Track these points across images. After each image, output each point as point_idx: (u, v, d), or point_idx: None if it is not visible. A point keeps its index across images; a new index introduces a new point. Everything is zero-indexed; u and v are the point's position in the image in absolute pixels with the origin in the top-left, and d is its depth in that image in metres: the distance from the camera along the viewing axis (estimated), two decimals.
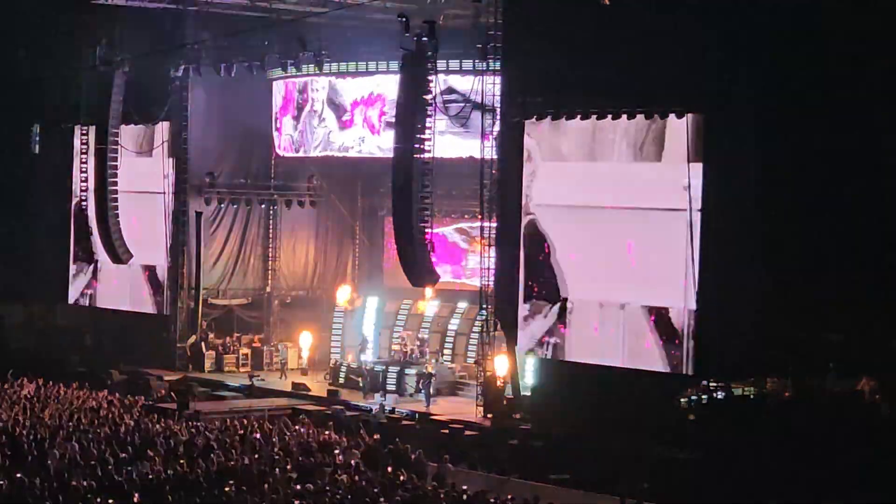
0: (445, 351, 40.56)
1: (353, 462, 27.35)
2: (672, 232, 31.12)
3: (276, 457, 27.12)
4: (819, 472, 26.16)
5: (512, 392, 34.63)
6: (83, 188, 44.54)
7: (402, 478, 25.78)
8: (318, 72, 40.62)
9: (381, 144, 39.92)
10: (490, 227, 35.00)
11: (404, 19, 34.17)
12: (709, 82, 30.20)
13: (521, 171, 34.05)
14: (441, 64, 35.72)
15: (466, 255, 41.16)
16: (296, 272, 45.55)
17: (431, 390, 36.52)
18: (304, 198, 44.43)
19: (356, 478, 25.51)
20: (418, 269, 35.41)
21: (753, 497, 25.93)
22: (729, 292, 30.26)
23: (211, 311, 44.06)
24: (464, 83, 37.39)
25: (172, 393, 37.62)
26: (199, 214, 43.54)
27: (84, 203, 44.47)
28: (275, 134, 43.48)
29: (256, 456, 27.18)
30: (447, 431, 32.90)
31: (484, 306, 34.95)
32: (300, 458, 27.30)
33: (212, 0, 40.99)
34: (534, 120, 33.75)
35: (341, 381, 39.30)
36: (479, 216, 35.41)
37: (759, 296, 29.80)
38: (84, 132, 44.38)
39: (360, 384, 38.26)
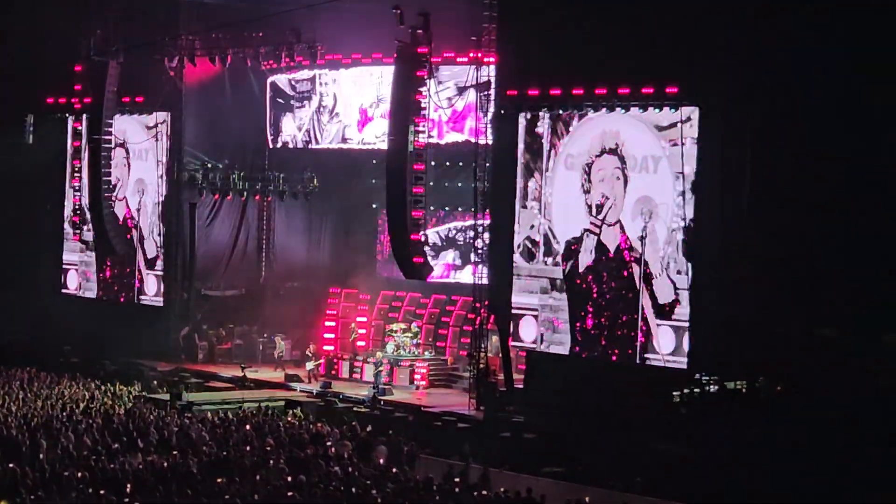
0: (439, 343, 40.55)
1: (345, 454, 27.39)
2: (667, 226, 31.13)
3: (268, 448, 27.13)
4: (812, 467, 26.20)
5: (505, 385, 34.64)
6: (77, 178, 44.50)
7: (393, 470, 25.86)
8: (311, 63, 40.57)
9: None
10: (484, 222, 35.07)
11: (399, 11, 34.13)
12: (707, 76, 30.14)
13: (516, 163, 34.01)
14: (435, 55, 35.75)
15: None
16: (290, 264, 45.51)
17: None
18: (299, 190, 44.35)
19: (349, 469, 25.52)
20: (411, 261, 35.37)
21: (745, 491, 25.94)
22: (723, 287, 30.25)
23: (204, 301, 44.02)
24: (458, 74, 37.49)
25: (165, 384, 37.61)
26: (193, 205, 43.47)
27: (78, 193, 44.44)
28: (268, 125, 43.51)
29: (248, 447, 27.19)
30: (440, 424, 32.89)
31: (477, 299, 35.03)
32: (292, 450, 27.32)
33: None
34: (528, 112, 33.72)
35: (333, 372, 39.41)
36: (473, 209, 35.46)
37: (752, 290, 29.77)
38: (78, 123, 44.30)
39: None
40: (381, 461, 27.09)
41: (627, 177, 31.81)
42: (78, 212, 44.85)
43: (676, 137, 30.98)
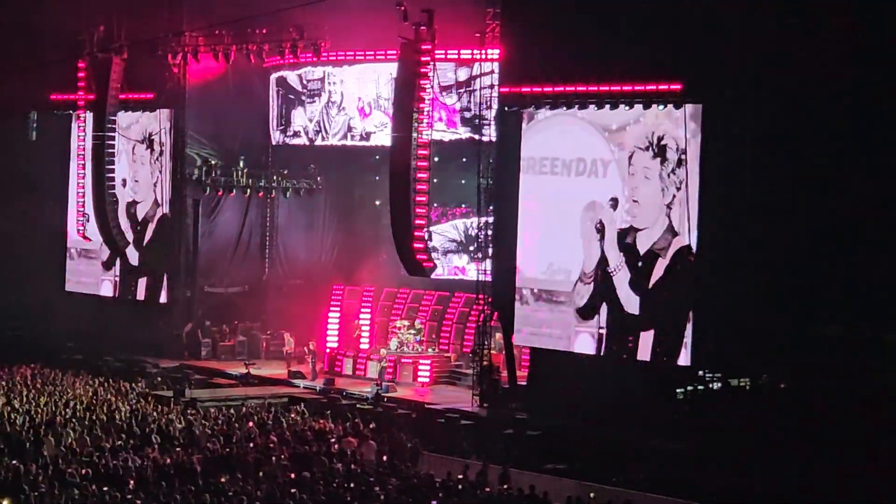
0: (442, 340, 40.53)
1: (349, 450, 27.38)
2: (669, 223, 31.12)
3: (272, 445, 27.13)
4: (815, 465, 26.18)
5: (508, 382, 34.63)
6: (80, 175, 44.50)
7: (399, 467, 25.87)
8: (315, 59, 40.60)
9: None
10: (487, 219, 35.08)
11: (402, 7, 34.08)
12: (708, 73, 30.10)
13: (519, 160, 33.99)
14: (439, 52, 35.76)
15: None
16: (293, 260, 45.51)
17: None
18: (302, 186, 44.34)
19: (352, 466, 25.53)
20: (415, 258, 35.34)
21: (748, 488, 25.92)
22: (726, 284, 30.21)
23: (207, 298, 44.03)
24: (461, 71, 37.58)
25: (168, 381, 37.61)
26: (196, 202, 43.49)
27: (81, 190, 44.43)
28: (272, 122, 43.54)
29: (252, 444, 27.18)
30: (443, 420, 32.87)
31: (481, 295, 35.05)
32: (295, 447, 27.31)
33: None
34: (531, 109, 33.70)
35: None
36: (477, 206, 35.45)
37: (756, 287, 29.75)
38: (81, 119, 44.33)
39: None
40: (371, 458, 27.07)
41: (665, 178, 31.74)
42: (81, 208, 44.83)
43: (624, 141, 31.22)
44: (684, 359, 30.80)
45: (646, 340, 31.47)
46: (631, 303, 31.75)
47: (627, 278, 31.83)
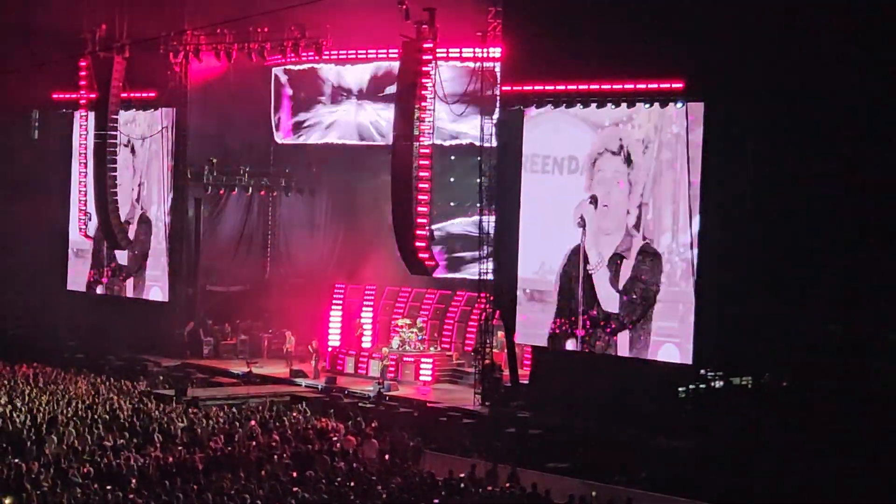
0: (444, 339, 40.55)
1: (350, 449, 27.42)
2: (671, 222, 31.14)
3: (273, 444, 27.17)
4: (817, 463, 26.20)
5: (510, 380, 34.65)
6: (82, 174, 44.53)
7: (401, 465, 25.89)
8: (316, 58, 40.64)
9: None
10: (489, 218, 35.09)
11: (404, 6, 34.09)
12: (712, 72, 30.12)
13: (521, 159, 34.01)
14: (441, 51, 35.79)
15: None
16: (295, 259, 45.54)
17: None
18: (304, 185, 44.35)
19: (354, 465, 25.57)
20: (417, 257, 35.36)
21: (751, 487, 25.93)
22: (726, 283, 30.23)
23: (209, 297, 44.05)
24: (463, 71, 37.58)
25: (170, 379, 37.64)
26: (198, 201, 43.53)
27: (83, 189, 44.48)
28: (273, 121, 43.54)
29: (254, 443, 27.22)
30: (445, 419, 32.90)
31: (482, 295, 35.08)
32: (297, 445, 27.35)
33: None
34: (533, 108, 33.73)
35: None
36: (479, 206, 35.47)
37: (756, 287, 29.76)
38: (84, 118, 44.37)
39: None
40: (373, 456, 27.12)
41: (632, 182, 31.82)
42: (83, 207, 44.88)
43: (619, 137, 31.27)
44: (653, 354, 31.01)
45: (623, 339, 31.69)
46: (610, 301, 31.82)
47: (607, 276, 31.96)
